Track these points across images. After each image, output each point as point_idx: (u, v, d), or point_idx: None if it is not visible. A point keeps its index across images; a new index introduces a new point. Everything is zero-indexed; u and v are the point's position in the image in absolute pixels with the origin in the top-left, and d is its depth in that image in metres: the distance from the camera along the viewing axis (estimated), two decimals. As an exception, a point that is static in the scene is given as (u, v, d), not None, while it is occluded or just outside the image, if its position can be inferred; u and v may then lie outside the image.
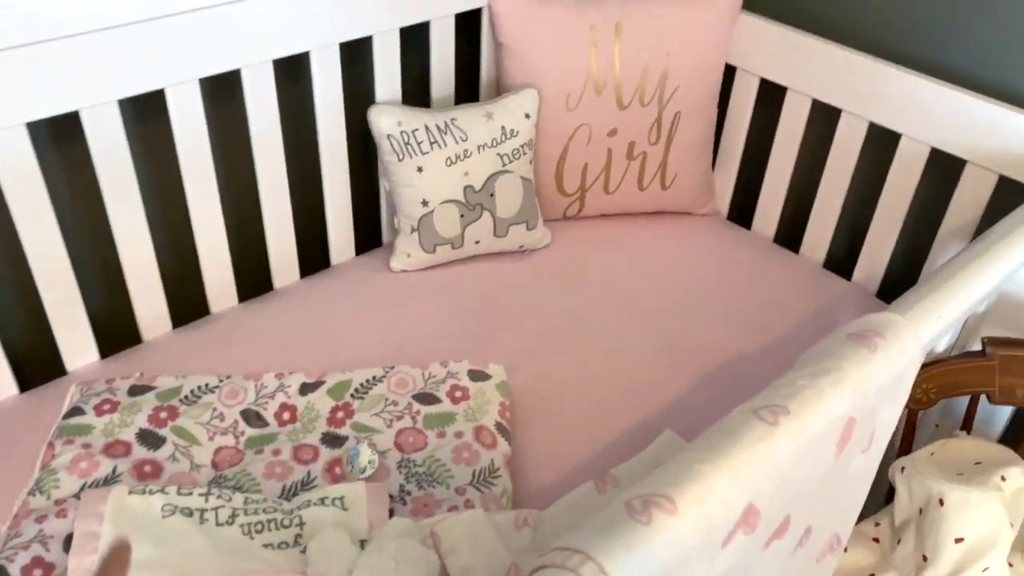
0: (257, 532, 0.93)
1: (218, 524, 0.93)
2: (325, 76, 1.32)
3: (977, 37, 1.31)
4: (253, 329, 1.32)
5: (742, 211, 1.70)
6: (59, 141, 1.18)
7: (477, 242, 1.46)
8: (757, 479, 0.66)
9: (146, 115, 1.24)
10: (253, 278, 1.44)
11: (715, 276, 1.49)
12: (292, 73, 1.36)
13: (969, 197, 1.31)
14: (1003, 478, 1.04)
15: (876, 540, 1.14)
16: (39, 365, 1.27)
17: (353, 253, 1.52)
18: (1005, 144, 1.25)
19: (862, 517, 1.18)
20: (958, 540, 1.01)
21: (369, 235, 1.59)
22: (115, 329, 1.32)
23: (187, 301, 1.37)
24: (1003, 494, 1.02)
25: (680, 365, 1.29)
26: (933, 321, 0.83)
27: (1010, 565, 1.06)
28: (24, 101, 1.03)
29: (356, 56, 1.41)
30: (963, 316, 1.03)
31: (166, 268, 1.36)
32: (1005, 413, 1.34)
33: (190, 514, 0.93)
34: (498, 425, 1.12)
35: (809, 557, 0.90)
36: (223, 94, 1.30)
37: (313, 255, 1.51)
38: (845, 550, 1.12)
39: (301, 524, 0.94)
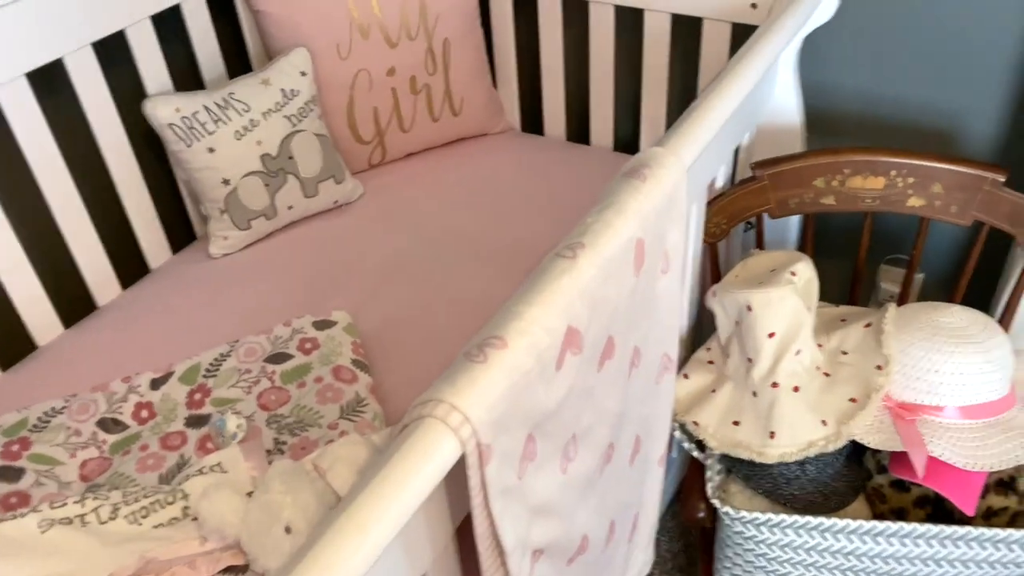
0: (143, 517, 0.94)
1: (101, 523, 0.93)
2: (86, 80, 1.29)
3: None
4: (85, 351, 1.29)
5: (534, 121, 1.80)
6: None
7: (290, 207, 1.48)
8: (569, 304, 0.75)
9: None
10: (72, 302, 1.40)
11: (520, 183, 1.59)
12: (53, 84, 1.32)
13: (713, 50, 1.46)
14: (793, 274, 1.19)
15: (711, 363, 1.28)
16: None
17: (169, 252, 1.51)
18: (728, -5, 1.40)
19: (696, 348, 1.33)
20: (770, 335, 1.16)
21: (181, 231, 1.57)
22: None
23: (9, 339, 1.32)
24: (795, 286, 1.18)
25: (507, 271, 1.38)
26: (690, 145, 0.95)
27: (819, 346, 1.22)
28: None
29: (115, 54, 1.38)
30: (720, 141, 1.16)
31: (-25, 314, 1.30)
32: (795, 224, 1.52)
33: (69, 522, 0.93)
34: (355, 361, 1.17)
35: (648, 379, 1.01)
36: (-18, 122, 1.25)
37: (130, 264, 1.48)
38: (686, 377, 1.25)
39: (185, 496, 0.96)
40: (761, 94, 1.35)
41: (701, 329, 1.39)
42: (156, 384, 1.17)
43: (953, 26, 1.37)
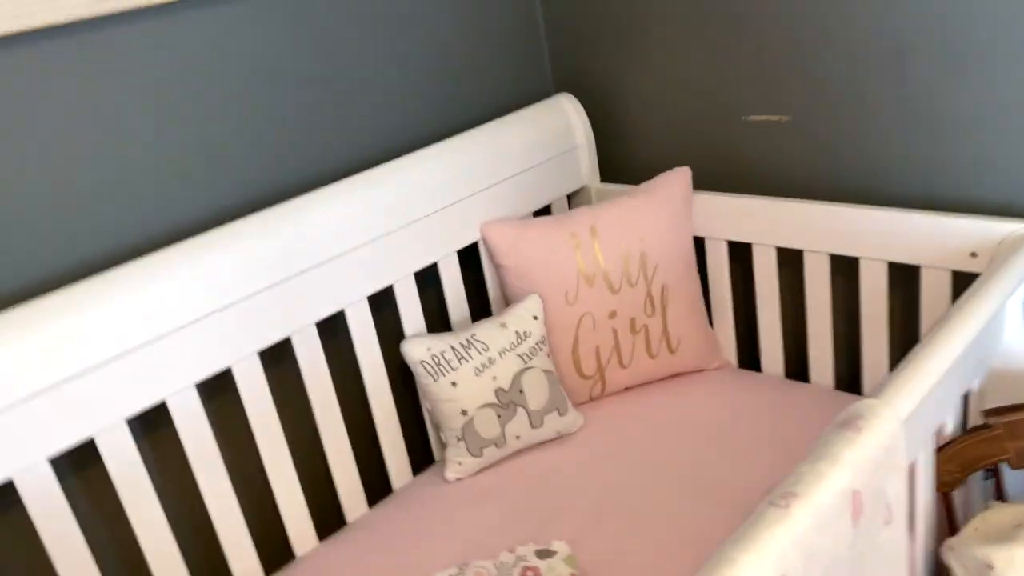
0: None
1: None
2: (360, 324, 1.54)
3: (876, 163, 1.54)
4: (336, 564, 1.44)
5: (751, 358, 1.86)
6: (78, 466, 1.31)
7: (518, 437, 1.62)
8: (782, 553, 0.78)
9: (216, 391, 1.45)
10: (326, 515, 1.58)
11: (736, 419, 1.62)
12: (331, 330, 1.58)
13: (933, 294, 1.48)
14: (1037, 531, 1.12)
15: (951, 623, 1.19)
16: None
17: (410, 475, 1.67)
18: (944, 243, 1.43)
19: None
20: (1014, 598, 1.07)
21: (421, 456, 1.74)
22: (214, 588, 1.45)
23: (274, 547, 1.51)
24: (1042, 546, 1.10)
25: (723, 509, 1.39)
26: (906, 396, 0.97)
27: (1077, 615, 1.11)
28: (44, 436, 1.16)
29: (382, 302, 1.65)
30: (944, 388, 1.16)
31: (252, 523, 1.50)
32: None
33: None
34: (572, 591, 1.22)
35: (874, 637, 0.97)
36: (277, 359, 1.52)
37: (376, 484, 1.66)
38: (923, 639, 1.17)
39: None
40: (989, 339, 1.33)
41: (938, 585, 1.30)
42: (393, 601, 1.28)
43: None
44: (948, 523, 1.29)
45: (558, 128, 1.83)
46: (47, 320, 1.17)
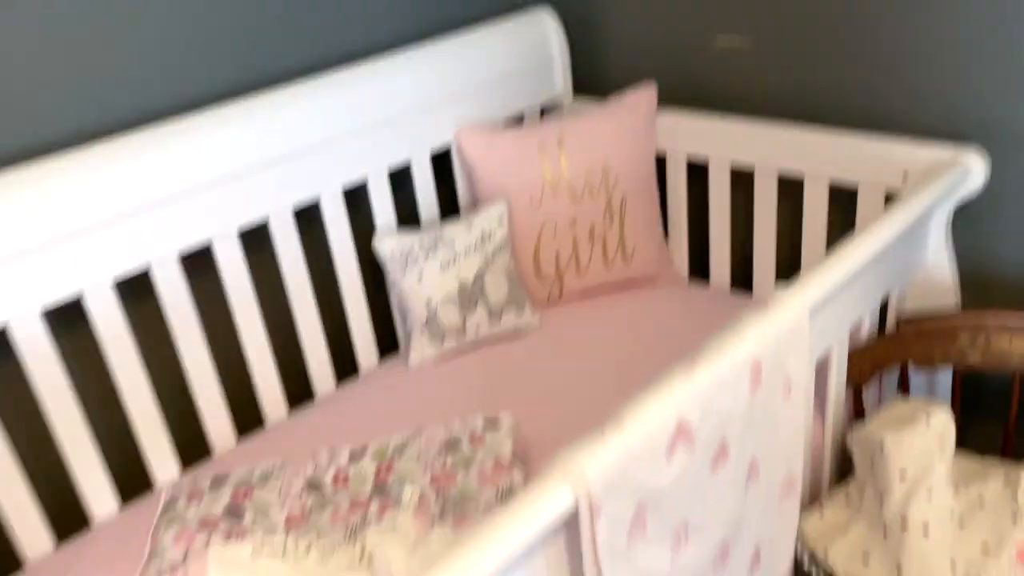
0: (329, 556, 1.15)
1: (297, 558, 1.16)
2: (334, 217, 1.65)
3: (828, 86, 1.64)
4: (304, 430, 1.58)
5: (701, 270, 1.98)
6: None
7: (478, 329, 1.74)
8: (681, 402, 0.91)
9: (199, 267, 1.56)
10: (298, 390, 1.71)
11: (682, 326, 1.75)
12: (308, 221, 1.68)
13: (865, 215, 1.59)
14: (928, 419, 1.26)
15: (848, 503, 1.34)
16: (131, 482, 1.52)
17: (377, 359, 1.80)
18: (880, 164, 1.54)
19: (836, 486, 1.39)
20: (902, 474, 1.22)
21: (388, 344, 1.87)
22: (190, 447, 1.58)
23: (247, 413, 1.64)
24: (930, 431, 1.24)
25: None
26: (813, 287, 1.09)
27: (956, 493, 1.26)
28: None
29: (358, 199, 1.75)
30: (858, 290, 1.28)
31: (228, 387, 1.63)
32: (945, 379, 1.56)
33: (273, 554, 1.16)
34: (513, 454, 1.36)
35: (769, 497, 1.12)
36: (257, 244, 1.62)
37: (345, 365, 1.79)
38: (822, 511, 1.32)
39: (364, 544, 1.16)
40: (909, 252, 1.45)
41: (848, 473, 1.45)
42: (353, 457, 1.41)
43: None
44: (855, 415, 1.44)
45: (534, 40, 1.90)
46: (42, 182, 1.26)
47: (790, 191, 1.76)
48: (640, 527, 0.90)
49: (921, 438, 1.22)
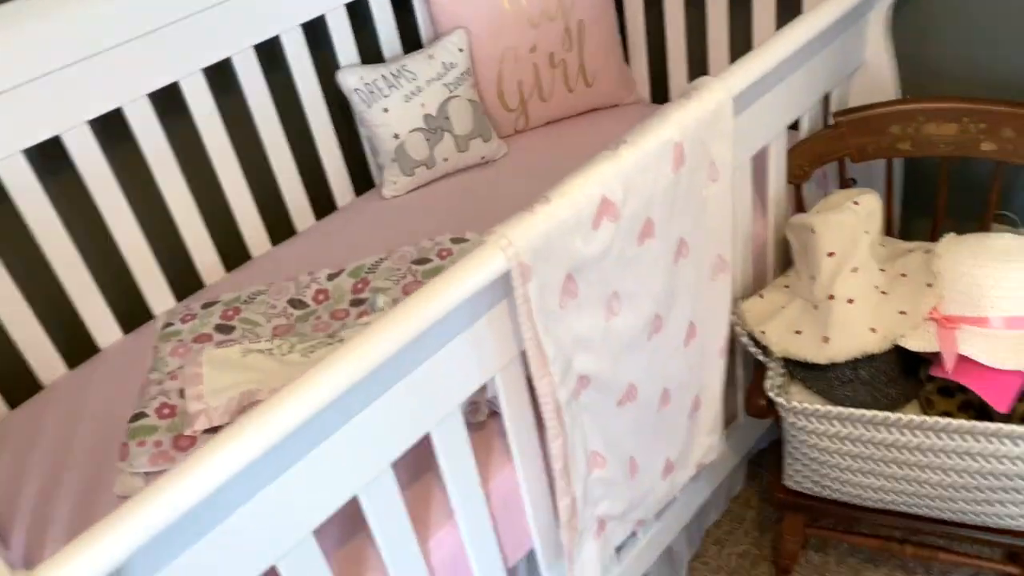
0: (311, 352, 1.28)
1: (282, 354, 1.29)
2: (297, 55, 1.69)
3: None
4: (286, 258, 1.69)
5: (664, 96, 2.03)
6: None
7: (446, 159, 1.82)
8: (605, 179, 1.00)
9: (172, 111, 1.62)
10: (278, 224, 1.81)
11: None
12: (274, 59, 1.73)
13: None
14: (856, 203, 1.36)
15: (787, 287, 1.46)
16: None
17: (353, 195, 1.89)
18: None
19: (777, 275, 1.51)
20: (830, 254, 1.32)
21: (363, 182, 1.95)
22: (182, 280, 1.70)
23: (233, 248, 1.75)
24: (856, 213, 1.34)
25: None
26: (737, 76, 1.16)
27: (882, 270, 1.37)
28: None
29: (319, 37, 1.79)
30: (791, 85, 1.35)
31: (212, 226, 1.73)
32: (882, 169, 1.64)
33: (261, 352, 1.29)
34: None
35: (700, 273, 1.23)
36: (225, 85, 1.68)
37: (320, 201, 1.88)
38: (761, 296, 1.44)
39: (342, 339, 1.29)
40: (845, 52, 1.50)
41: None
42: (331, 277, 1.53)
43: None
44: (796, 209, 1.53)
45: None
46: (12, 23, 1.32)
47: (742, 8, 1.79)
48: (571, 292, 1.01)
49: (848, 219, 1.32)
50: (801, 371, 1.36)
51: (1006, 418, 1.23)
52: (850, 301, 1.31)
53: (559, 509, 1.13)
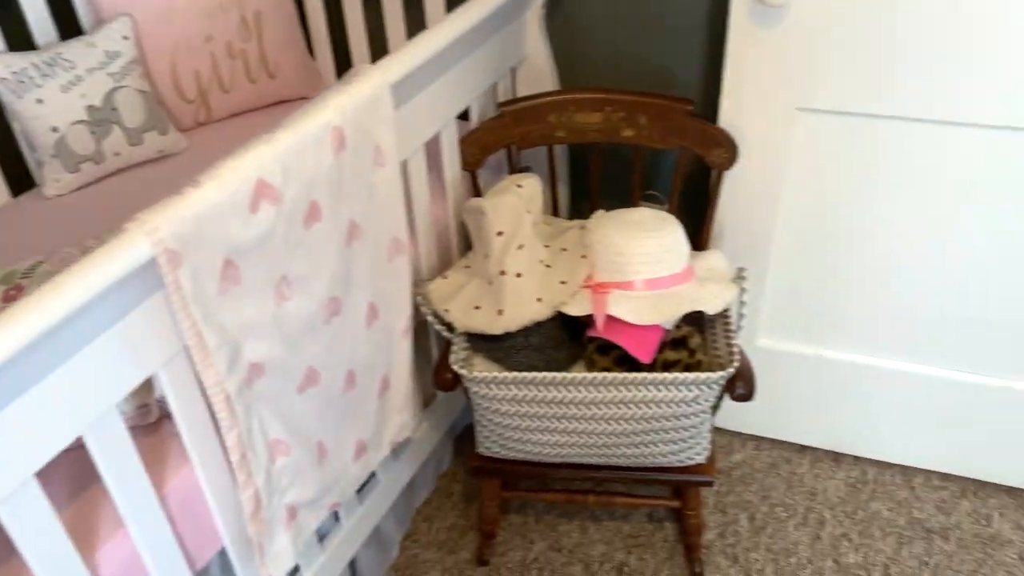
0: None
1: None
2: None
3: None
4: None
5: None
6: None
7: (117, 154, 1.70)
8: (260, 162, 1.00)
9: None
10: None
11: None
12: None
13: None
14: (519, 186, 1.47)
15: (468, 267, 1.54)
16: None
17: (8, 195, 1.70)
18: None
19: (460, 257, 1.59)
20: (499, 233, 1.42)
21: (22, 182, 1.76)
22: None
23: None
24: (520, 196, 1.45)
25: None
26: (391, 64, 1.21)
27: (546, 246, 1.49)
28: None
29: (-51, 19, 1.59)
30: (457, 77, 1.43)
31: None
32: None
33: None
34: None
35: (377, 256, 1.26)
36: None
37: (-31, 205, 1.68)
38: (445, 277, 1.51)
39: None
40: (505, 47, 1.62)
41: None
42: (-24, 285, 1.37)
43: (656, 2, 1.68)
44: (473, 194, 1.63)
45: None
46: None
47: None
48: (232, 278, 0.99)
49: (513, 201, 1.43)
50: (482, 344, 1.45)
51: (651, 368, 1.40)
52: (519, 275, 1.42)
53: (242, 502, 1.11)
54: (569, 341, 1.47)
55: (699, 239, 1.62)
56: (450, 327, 1.48)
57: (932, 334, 1.63)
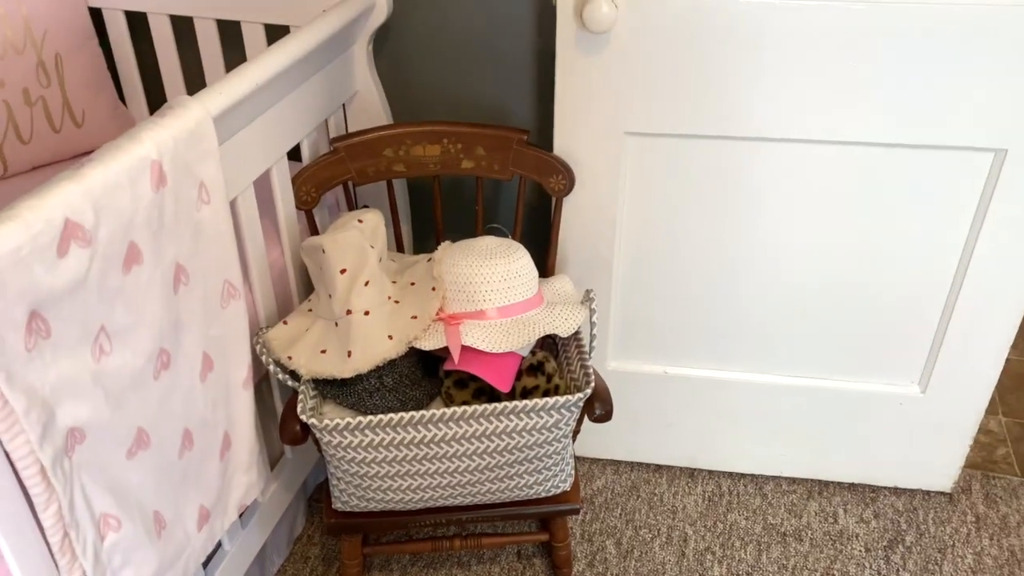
0: None
1: None
2: None
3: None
4: None
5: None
6: None
7: None
8: (68, 199, 0.89)
9: None
10: None
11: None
12: None
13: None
14: (360, 220, 1.41)
15: (310, 311, 1.46)
16: None
17: None
18: (305, 5, 1.62)
19: (301, 301, 1.50)
20: (342, 271, 1.36)
21: None
22: None
23: None
24: (362, 231, 1.39)
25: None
26: (215, 96, 1.13)
27: (393, 282, 1.44)
28: None
29: None
30: (286, 113, 1.37)
31: None
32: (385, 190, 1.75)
33: None
34: None
35: (209, 302, 1.16)
36: None
37: None
38: (285, 323, 1.42)
39: None
40: (334, 82, 1.57)
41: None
42: None
43: (484, 36, 1.69)
44: (312, 234, 1.55)
45: None
46: None
47: (232, 34, 1.77)
48: (40, 331, 0.87)
49: (354, 236, 1.37)
50: (332, 389, 1.37)
51: (511, 396, 1.37)
52: (366, 313, 1.35)
53: (67, 591, 0.97)
54: (424, 378, 1.41)
55: (544, 266, 1.62)
56: (295, 375, 1.38)
57: (768, 343, 1.70)
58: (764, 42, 1.38)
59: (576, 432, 1.39)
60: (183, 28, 1.77)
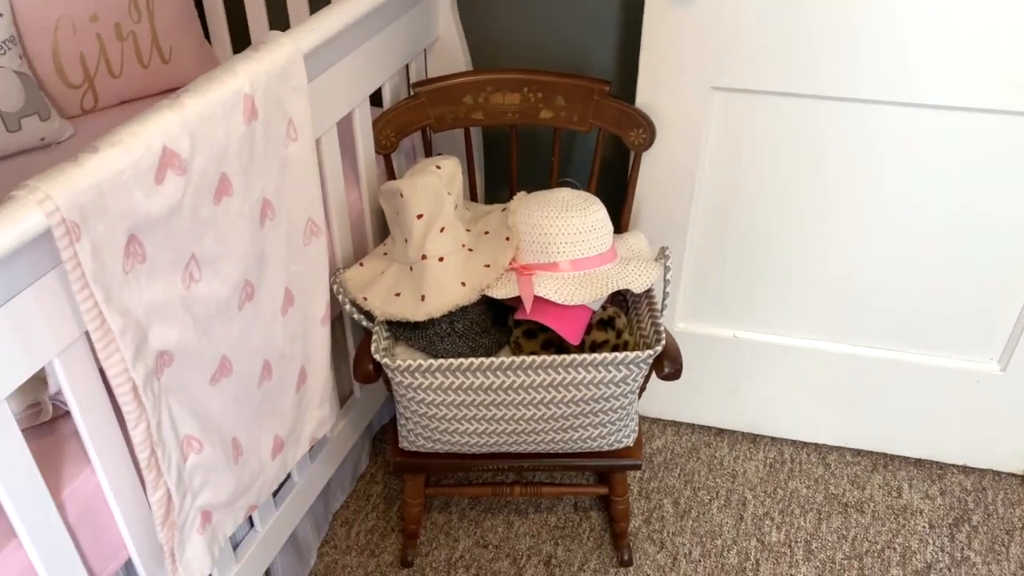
0: None
1: None
2: None
3: None
4: None
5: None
6: None
7: (-9, 141, 1.55)
8: (166, 129, 0.91)
9: None
10: None
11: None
12: None
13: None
14: (438, 167, 1.42)
15: (386, 254, 1.48)
16: None
17: None
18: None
19: (376, 244, 1.52)
20: (419, 216, 1.36)
21: None
22: None
23: None
24: (439, 176, 1.40)
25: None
26: (306, 33, 1.14)
27: (468, 230, 1.45)
28: None
29: None
30: (369, 53, 1.37)
31: None
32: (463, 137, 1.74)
33: None
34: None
35: (293, 237, 1.19)
36: None
37: None
38: (362, 264, 1.44)
39: None
40: (416, 28, 1.56)
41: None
42: None
43: (579, -24, 1.67)
44: (388, 178, 1.57)
45: None
46: None
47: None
48: (137, 255, 0.90)
49: (432, 182, 1.38)
50: (405, 332, 1.39)
51: (579, 349, 1.37)
52: (441, 259, 1.36)
53: (152, 505, 1.01)
54: (494, 327, 1.42)
55: (618, 222, 1.61)
56: (369, 316, 1.41)
57: (842, 312, 1.67)
58: (864, -2, 1.33)
59: (642, 389, 1.39)
60: (270, -32, 1.79)
